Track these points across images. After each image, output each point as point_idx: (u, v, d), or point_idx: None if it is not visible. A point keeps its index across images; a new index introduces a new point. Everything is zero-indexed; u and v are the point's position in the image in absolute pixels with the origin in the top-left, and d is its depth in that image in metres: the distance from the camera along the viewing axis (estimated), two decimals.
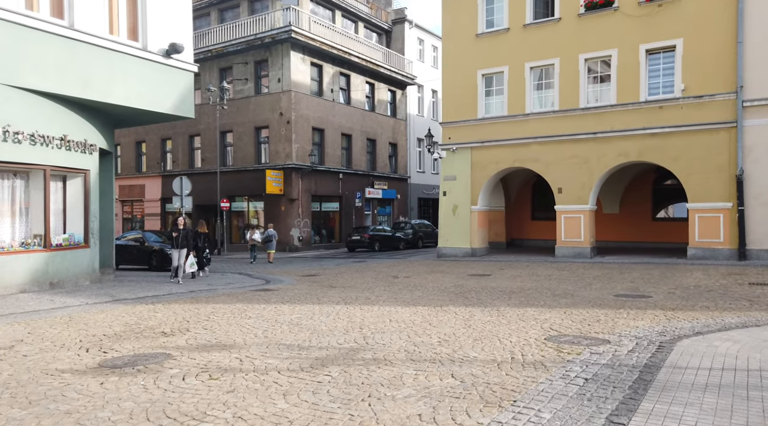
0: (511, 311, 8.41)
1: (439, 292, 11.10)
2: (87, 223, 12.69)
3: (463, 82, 20.89)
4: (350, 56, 30.80)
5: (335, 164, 30.72)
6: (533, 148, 19.67)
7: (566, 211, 19.07)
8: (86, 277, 12.54)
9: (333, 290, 11.63)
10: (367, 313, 8.30)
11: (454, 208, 21.05)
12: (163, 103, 13.49)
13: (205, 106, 30.22)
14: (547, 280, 13.07)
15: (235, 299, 10.29)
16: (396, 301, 9.73)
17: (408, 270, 16.48)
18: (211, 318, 7.96)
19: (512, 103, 20.03)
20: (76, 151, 12.18)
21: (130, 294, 10.76)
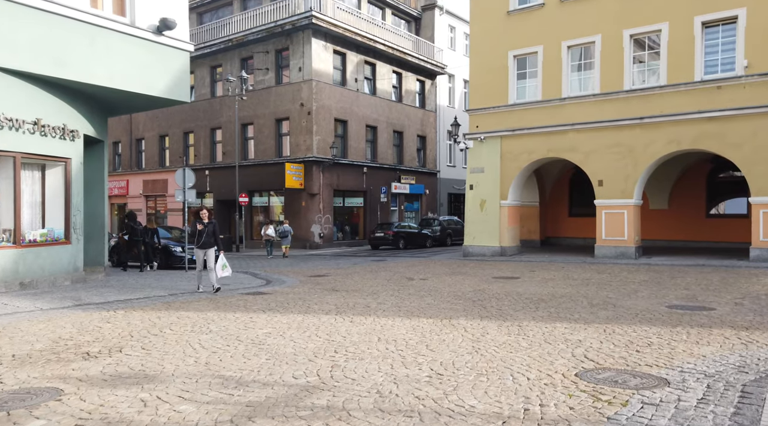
0: (535, 327, 6.70)
1: (454, 298, 9.45)
2: (68, 216, 11.58)
3: (492, 65, 19.04)
4: (376, 44, 29.24)
5: (359, 157, 29.25)
6: (570, 136, 17.66)
7: (608, 207, 17.01)
8: (66, 277, 11.44)
9: (332, 295, 10.13)
10: (354, 328, 6.74)
11: (482, 203, 19.24)
12: (153, 85, 12.27)
13: (226, 98, 29.28)
14: (584, 285, 11.21)
15: (214, 305, 8.90)
16: (398, 311, 8.14)
17: (427, 271, 14.84)
18: (164, 332, 6.56)
19: (547, 86, 18.06)
20: (53, 137, 11.06)
21: (102, 298, 9.53)
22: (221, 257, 10.35)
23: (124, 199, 35.84)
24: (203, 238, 10.44)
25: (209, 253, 10.49)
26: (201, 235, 10.41)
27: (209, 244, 10.48)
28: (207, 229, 10.41)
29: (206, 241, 10.46)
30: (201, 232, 10.41)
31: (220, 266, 10.33)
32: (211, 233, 10.45)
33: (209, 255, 10.47)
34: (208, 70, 30.88)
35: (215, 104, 30.37)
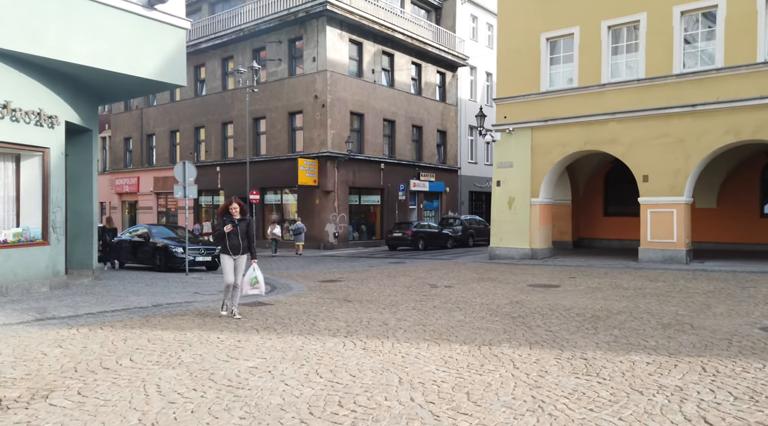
0: (606, 362, 5.05)
1: (489, 313, 7.82)
2: (46, 214, 10.22)
3: (522, 50, 17.31)
4: (394, 33, 27.63)
5: (376, 153, 27.69)
6: (610, 126, 15.85)
7: (654, 205, 15.19)
8: (43, 282, 10.08)
9: (343, 307, 8.58)
10: (367, 360, 5.17)
11: (510, 200, 17.53)
12: (142, 65, 10.85)
13: (237, 92, 27.97)
14: (640, 296, 9.49)
15: (200, 321, 7.41)
16: (422, 332, 6.55)
17: (451, 276, 13.21)
18: (120, 364, 5.07)
19: (584, 71, 16.27)
20: (27, 123, 9.70)
21: (72, 310, 8.10)
22: (255, 268, 7.63)
23: (135, 197, 34.84)
24: (235, 240, 7.53)
25: (241, 262, 7.64)
26: (231, 237, 7.51)
27: (242, 249, 7.61)
28: (239, 229, 7.55)
29: (238, 244, 7.55)
30: (231, 233, 7.50)
31: (249, 280, 7.56)
32: (244, 234, 7.58)
33: (240, 265, 7.63)
34: (219, 63, 29.61)
35: (226, 98, 29.09)
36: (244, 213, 7.70)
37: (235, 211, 7.59)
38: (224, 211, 7.68)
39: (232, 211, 7.59)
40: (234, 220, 7.51)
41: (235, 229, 7.50)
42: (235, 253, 7.56)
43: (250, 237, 7.67)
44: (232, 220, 7.51)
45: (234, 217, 7.56)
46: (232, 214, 7.58)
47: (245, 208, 7.71)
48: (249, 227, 7.67)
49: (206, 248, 15.93)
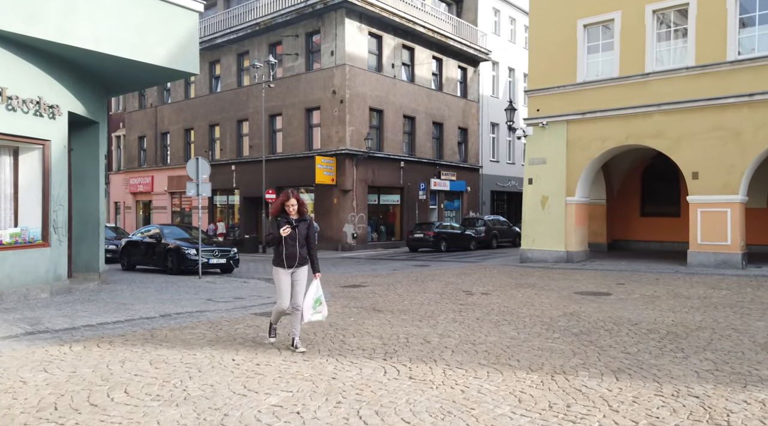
0: (728, 402, 3.95)
1: (543, 328, 6.73)
2: (46, 213, 9.35)
3: (557, 38, 16.14)
4: (415, 26, 26.57)
5: (396, 151, 26.65)
6: (655, 118, 14.62)
7: (705, 204, 13.93)
8: (43, 288, 9.19)
9: (374, 319, 7.55)
10: (420, 396, 4.13)
11: (543, 199, 16.37)
12: (152, 51, 9.93)
13: (253, 88, 27.15)
14: (710, 307, 8.33)
15: (213, 336, 6.43)
16: (473, 354, 5.49)
17: (485, 281, 12.12)
18: (111, 398, 4.09)
19: (626, 60, 15.06)
20: (25, 113, 8.82)
21: (69, 321, 7.16)
22: (318, 286, 5.75)
23: (149, 196, 34.21)
24: (292, 248, 5.66)
25: (301, 276, 5.76)
26: (287, 244, 5.64)
27: (301, 259, 5.73)
28: (298, 232, 5.68)
29: (296, 253, 5.68)
30: (288, 238, 5.63)
31: (312, 301, 5.65)
32: (304, 239, 5.74)
33: (300, 280, 5.75)
34: (235, 58, 28.79)
35: (241, 94, 28.27)
36: (304, 211, 5.76)
37: (293, 210, 5.66)
38: (279, 210, 5.72)
39: (289, 209, 5.66)
40: (292, 221, 5.63)
41: (294, 233, 5.62)
42: (292, 264, 5.66)
43: (310, 243, 5.77)
44: (289, 221, 5.62)
45: (291, 216, 5.66)
46: (288, 213, 5.66)
47: (305, 206, 5.82)
48: (310, 230, 5.79)
49: (221, 250, 15.03)
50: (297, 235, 5.65)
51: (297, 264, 5.70)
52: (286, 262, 5.65)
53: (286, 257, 5.64)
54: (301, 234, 5.70)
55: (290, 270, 5.69)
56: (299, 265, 5.74)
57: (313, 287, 5.70)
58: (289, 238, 5.61)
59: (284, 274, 5.70)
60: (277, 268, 5.73)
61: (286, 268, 5.66)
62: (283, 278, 5.70)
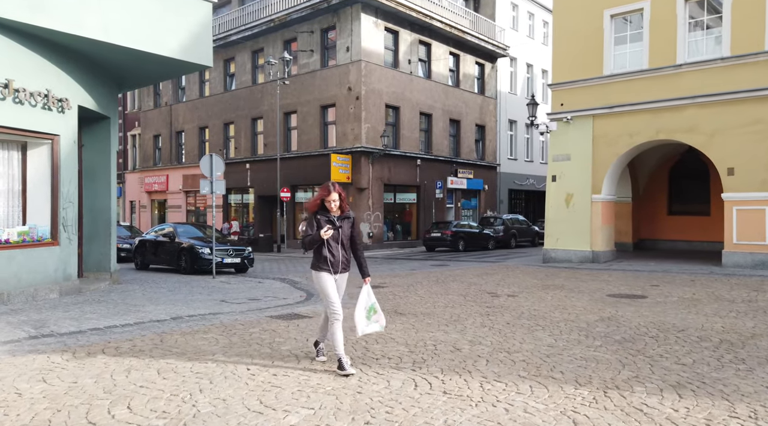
0: None
1: (582, 334, 6.20)
2: (55, 210, 9.01)
3: (582, 29, 15.51)
4: (432, 21, 26.03)
5: (412, 148, 26.14)
6: (688, 112, 13.94)
7: (741, 202, 13.22)
8: (52, 288, 8.86)
9: (397, 322, 7.07)
10: (458, 415, 3.64)
11: (568, 197, 15.75)
12: (164, 42, 9.56)
13: (267, 85, 26.83)
14: (759, 311, 7.72)
15: (226, 341, 6.01)
16: (511, 364, 4.99)
17: (509, 282, 11.57)
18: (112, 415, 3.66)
19: (655, 51, 14.39)
20: (33, 106, 8.49)
21: (77, 324, 6.79)
22: (368, 292, 4.94)
23: (164, 195, 34.11)
24: (336, 251, 4.87)
25: (342, 283, 5.04)
26: (330, 246, 4.86)
27: (344, 264, 4.96)
28: (341, 233, 4.89)
29: (339, 256, 4.89)
30: (330, 239, 4.84)
31: (364, 310, 4.87)
32: (348, 240, 4.98)
33: (342, 287, 5.05)
34: (249, 56, 28.51)
35: (256, 92, 27.96)
36: (346, 208, 4.96)
37: (335, 206, 4.84)
38: (318, 206, 4.89)
39: (330, 205, 4.82)
40: (333, 220, 4.83)
41: (336, 234, 4.83)
42: (336, 269, 4.86)
43: (356, 244, 5.00)
44: (331, 219, 4.83)
45: (332, 214, 4.85)
46: (329, 209, 4.84)
47: (346, 202, 5.02)
48: (354, 229, 5.03)
49: (235, 249, 14.67)
50: (340, 235, 4.85)
51: (341, 269, 4.90)
52: (331, 266, 4.83)
53: (331, 261, 4.81)
54: (345, 234, 4.90)
55: (335, 275, 4.88)
56: (343, 270, 4.92)
57: (364, 294, 4.88)
58: (331, 239, 4.81)
59: (329, 280, 4.82)
60: (319, 273, 4.85)
61: (332, 271, 4.85)
62: (328, 282, 4.81)
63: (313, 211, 4.94)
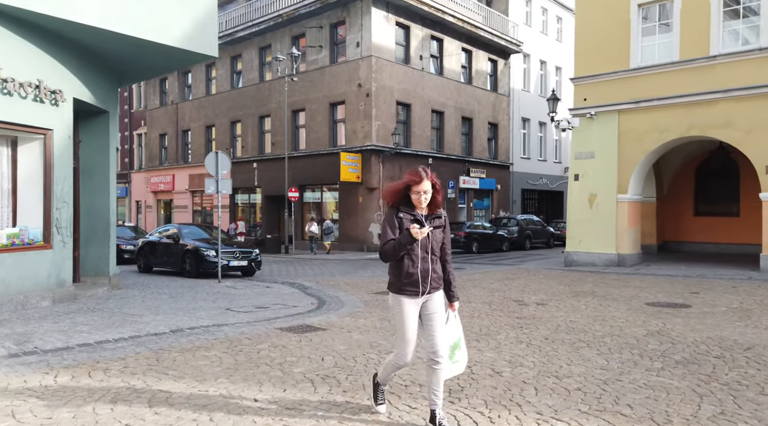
0: None
1: (636, 353, 5.43)
2: (48, 211, 8.34)
3: (607, 20, 14.70)
4: (444, 15, 25.27)
5: (424, 147, 25.40)
6: (722, 106, 13.10)
7: None
8: (44, 295, 8.19)
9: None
10: None
11: (591, 197, 14.94)
12: (166, 30, 8.87)
13: (275, 83, 26.17)
14: None
15: (231, 360, 5.29)
16: (565, 394, 4.23)
17: (535, 288, 10.79)
18: None
19: (686, 41, 13.57)
20: (23, 98, 7.82)
21: (64, 338, 6.10)
22: (455, 323, 3.69)
23: (170, 195, 33.56)
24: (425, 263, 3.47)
25: (437, 306, 3.55)
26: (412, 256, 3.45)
27: (437, 281, 3.53)
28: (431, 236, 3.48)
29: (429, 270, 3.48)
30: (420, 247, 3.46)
31: (448, 347, 3.57)
32: (440, 249, 3.56)
33: (437, 312, 3.54)
34: (257, 52, 27.87)
35: (263, 90, 27.31)
36: (440, 203, 3.54)
37: (424, 200, 3.44)
38: (399, 196, 3.49)
39: (420, 197, 3.43)
40: (421, 219, 3.45)
41: (426, 239, 3.44)
42: (425, 289, 3.46)
43: (446, 255, 3.60)
44: (418, 219, 3.44)
45: (419, 212, 3.47)
46: (416, 204, 3.46)
47: (440, 196, 3.53)
48: (447, 235, 3.60)
49: (242, 251, 13.99)
50: (430, 241, 3.45)
51: (431, 288, 3.48)
52: (413, 285, 3.41)
53: (416, 277, 3.40)
54: (436, 240, 3.49)
55: (421, 299, 3.49)
56: (434, 289, 3.50)
57: (453, 326, 3.63)
58: (417, 246, 3.40)
59: (411, 306, 3.46)
60: (399, 297, 3.46)
61: (417, 295, 3.44)
62: (409, 312, 3.46)
63: (393, 203, 3.51)
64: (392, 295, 3.55)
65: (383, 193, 4.09)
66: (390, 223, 3.47)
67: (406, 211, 3.47)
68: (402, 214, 3.45)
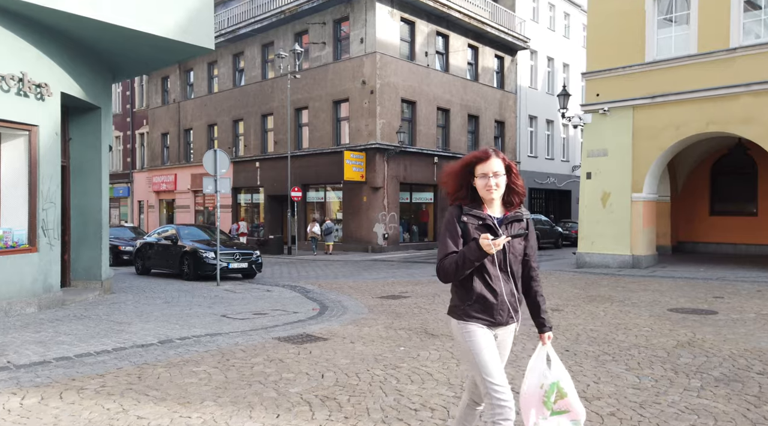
0: None
1: (669, 368, 4.89)
2: (33, 211, 7.88)
3: (621, 11, 14.12)
4: (450, 11, 24.71)
5: (429, 145, 24.86)
6: (743, 101, 12.51)
7: None
8: (29, 301, 7.72)
9: (430, 347, 5.82)
10: None
11: (605, 196, 14.37)
12: (159, 21, 8.39)
13: (278, 80, 25.70)
14: None
15: (222, 377, 4.79)
16: (596, 421, 3.72)
17: (547, 292, 10.19)
18: None
19: (705, 34, 12.98)
20: (5, 92, 7.36)
21: (42, 350, 5.62)
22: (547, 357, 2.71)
23: (172, 195, 33.15)
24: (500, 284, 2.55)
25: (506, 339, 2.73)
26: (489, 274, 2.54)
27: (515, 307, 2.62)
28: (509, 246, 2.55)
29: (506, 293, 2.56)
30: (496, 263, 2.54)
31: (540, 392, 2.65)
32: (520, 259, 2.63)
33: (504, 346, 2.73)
34: (259, 50, 27.40)
35: (266, 87, 26.84)
36: (521, 197, 2.64)
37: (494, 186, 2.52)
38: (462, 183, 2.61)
39: (489, 184, 2.51)
40: (494, 223, 2.54)
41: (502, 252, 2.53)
42: (502, 318, 2.58)
43: (532, 269, 2.73)
44: (488, 223, 2.53)
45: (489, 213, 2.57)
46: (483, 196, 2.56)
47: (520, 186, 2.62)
48: (531, 242, 2.69)
49: (242, 253, 13.51)
50: (507, 254, 2.55)
51: (508, 318, 2.60)
52: (488, 315, 2.55)
53: (490, 305, 2.54)
54: (515, 252, 2.58)
55: (495, 330, 2.60)
56: (510, 319, 2.61)
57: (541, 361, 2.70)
58: (494, 262, 2.52)
59: (485, 336, 2.56)
60: (467, 325, 2.56)
61: (490, 326, 2.57)
62: (483, 343, 2.54)
63: (454, 198, 2.62)
64: (456, 323, 2.59)
65: (441, 177, 2.78)
66: (450, 229, 2.53)
67: (473, 212, 2.52)
68: (466, 217, 2.51)
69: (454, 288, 2.65)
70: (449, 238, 2.54)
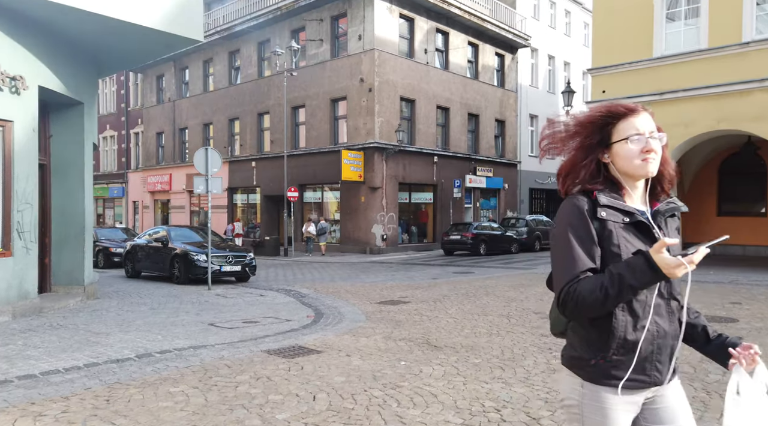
0: None
1: (698, 387, 4.42)
2: (8, 213, 7.36)
3: (627, 5, 13.65)
4: (449, 7, 24.24)
5: (429, 144, 24.38)
6: (756, 98, 12.04)
7: None
8: (2, 309, 7.21)
9: (434, 362, 5.32)
10: None
11: None
12: (146, 12, 7.88)
13: (274, 78, 25.20)
14: None
15: (196, 402, 4.28)
16: None
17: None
18: None
19: (716, 28, 12.51)
20: None
21: (3, 368, 5.10)
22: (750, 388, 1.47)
23: (167, 195, 32.61)
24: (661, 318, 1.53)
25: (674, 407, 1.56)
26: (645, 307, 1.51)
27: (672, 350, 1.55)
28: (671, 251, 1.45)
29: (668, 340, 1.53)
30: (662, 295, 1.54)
31: None
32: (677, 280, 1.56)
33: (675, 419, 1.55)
34: (255, 47, 26.88)
35: (262, 86, 26.34)
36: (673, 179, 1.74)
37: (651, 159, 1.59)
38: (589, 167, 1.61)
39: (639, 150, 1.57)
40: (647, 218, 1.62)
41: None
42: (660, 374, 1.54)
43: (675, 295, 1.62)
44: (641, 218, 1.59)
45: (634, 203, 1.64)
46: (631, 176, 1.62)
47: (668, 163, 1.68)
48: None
49: (235, 256, 13.00)
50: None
51: (667, 374, 1.57)
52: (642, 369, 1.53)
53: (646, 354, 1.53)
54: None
55: (644, 394, 1.56)
56: (675, 371, 1.61)
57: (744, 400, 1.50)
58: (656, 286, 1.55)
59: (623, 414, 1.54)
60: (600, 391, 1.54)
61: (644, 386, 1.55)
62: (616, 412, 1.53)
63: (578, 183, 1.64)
64: (581, 385, 1.58)
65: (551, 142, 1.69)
66: (578, 232, 1.55)
67: (616, 203, 1.58)
68: (605, 211, 1.55)
69: (579, 328, 1.61)
70: (579, 247, 1.52)
